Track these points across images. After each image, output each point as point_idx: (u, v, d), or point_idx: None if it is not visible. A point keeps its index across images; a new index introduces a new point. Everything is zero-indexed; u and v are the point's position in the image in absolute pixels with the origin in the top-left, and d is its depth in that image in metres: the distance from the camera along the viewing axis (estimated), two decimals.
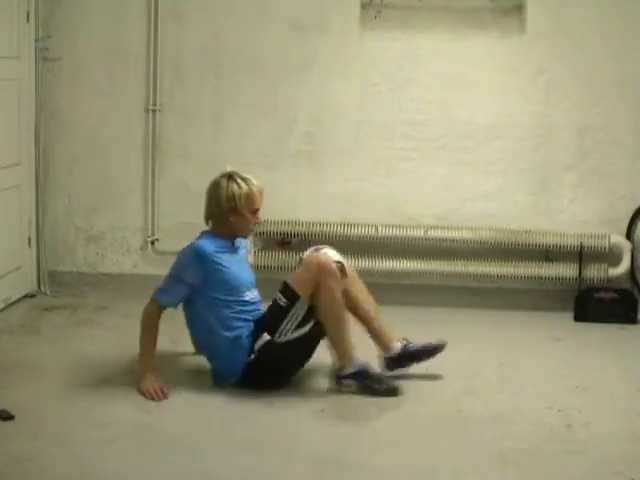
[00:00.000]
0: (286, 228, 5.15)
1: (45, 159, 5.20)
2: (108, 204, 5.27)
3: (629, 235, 5.13)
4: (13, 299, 4.98)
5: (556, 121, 5.13)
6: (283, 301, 3.75)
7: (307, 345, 3.83)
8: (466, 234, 5.12)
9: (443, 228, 5.14)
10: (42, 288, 5.23)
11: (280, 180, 5.19)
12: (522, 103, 5.13)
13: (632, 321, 4.98)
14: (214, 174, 5.25)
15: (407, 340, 4.02)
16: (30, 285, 5.18)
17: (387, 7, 5.15)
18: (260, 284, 4.08)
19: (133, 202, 5.28)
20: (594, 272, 5.10)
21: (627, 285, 5.16)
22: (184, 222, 5.18)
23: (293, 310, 3.73)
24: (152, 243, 5.27)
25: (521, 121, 5.14)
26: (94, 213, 5.29)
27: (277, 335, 3.72)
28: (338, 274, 3.76)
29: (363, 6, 5.14)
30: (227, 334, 3.75)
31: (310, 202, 5.21)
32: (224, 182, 3.87)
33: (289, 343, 3.73)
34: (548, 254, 5.15)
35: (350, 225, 5.12)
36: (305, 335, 3.75)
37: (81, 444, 3.24)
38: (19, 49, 4.94)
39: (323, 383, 3.87)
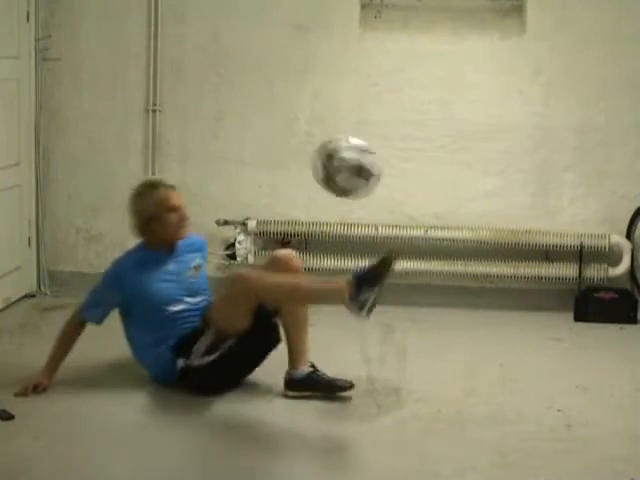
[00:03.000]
0: (286, 228, 5.15)
1: (45, 159, 5.20)
2: (108, 204, 5.27)
3: (629, 235, 5.13)
4: (13, 299, 4.98)
5: (556, 121, 5.14)
6: (199, 324, 3.66)
7: (229, 364, 3.63)
8: (466, 234, 5.12)
9: (443, 228, 5.14)
10: (42, 288, 5.23)
11: (280, 180, 5.20)
12: (522, 103, 5.13)
13: (632, 321, 4.98)
14: (214, 174, 5.29)
15: (315, 367, 3.76)
16: (30, 285, 5.18)
17: (387, 7, 5.15)
18: None
19: None
20: (594, 272, 5.10)
21: (627, 285, 5.16)
22: None
23: (205, 335, 3.60)
24: None
25: (521, 121, 5.14)
26: (94, 213, 5.29)
27: (191, 358, 3.60)
28: (256, 275, 3.60)
29: (363, 6, 5.15)
30: (151, 350, 3.71)
31: (310, 202, 5.21)
32: (135, 195, 3.84)
33: (200, 368, 3.59)
34: (548, 254, 5.16)
35: (350, 225, 5.12)
36: (217, 361, 3.58)
37: (81, 444, 3.24)
38: (19, 49, 4.94)
39: None
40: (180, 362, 3.65)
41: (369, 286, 3.43)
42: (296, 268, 3.78)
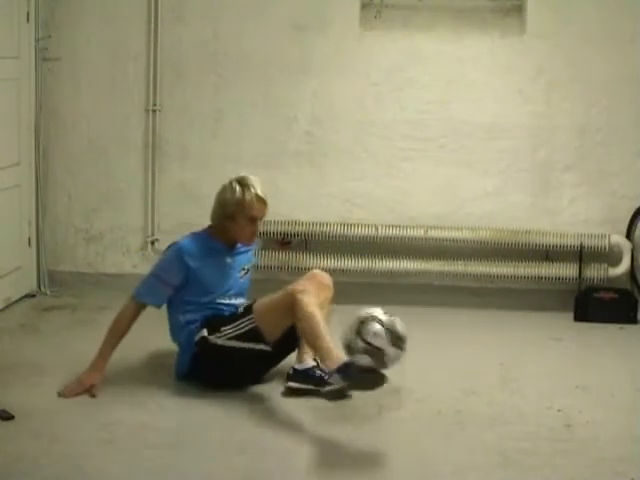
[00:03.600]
0: (286, 228, 5.15)
1: (45, 159, 5.20)
2: (108, 204, 5.27)
3: (629, 235, 5.13)
4: (13, 299, 4.98)
5: (556, 121, 5.14)
6: (241, 309, 3.76)
7: (246, 361, 3.72)
8: (466, 234, 5.12)
9: (443, 228, 5.14)
10: (42, 288, 5.23)
11: (280, 180, 5.20)
12: (522, 103, 5.13)
13: (632, 321, 4.98)
14: (214, 174, 5.27)
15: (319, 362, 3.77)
16: (30, 285, 5.18)
17: (387, 7, 5.15)
18: (260, 284, 4.09)
19: (133, 202, 5.28)
20: (594, 272, 5.10)
21: (627, 285, 5.16)
22: (184, 222, 5.17)
23: (241, 320, 3.70)
24: (152, 243, 5.28)
25: (521, 121, 5.15)
26: (94, 213, 5.29)
27: (215, 334, 3.70)
28: (310, 291, 3.69)
29: (363, 6, 5.15)
30: (185, 328, 3.79)
31: (310, 202, 5.22)
32: (227, 186, 3.86)
33: (223, 348, 3.68)
34: (548, 254, 5.16)
35: (350, 225, 5.12)
36: (243, 350, 3.68)
37: (81, 444, 3.24)
38: (19, 49, 4.94)
39: None
40: (204, 332, 3.71)
41: (347, 380, 3.46)
42: (328, 288, 3.92)
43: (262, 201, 3.84)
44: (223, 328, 3.70)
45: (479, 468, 3.15)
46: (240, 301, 3.90)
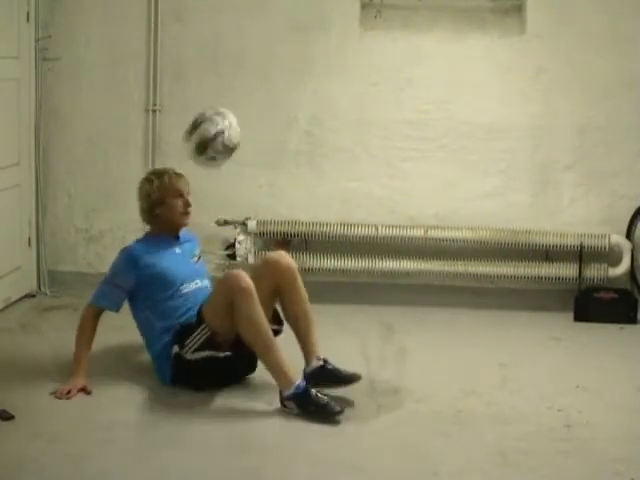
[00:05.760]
0: (286, 228, 5.14)
1: (45, 159, 5.20)
2: (108, 204, 5.27)
3: (629, 235, 5.12)
4: (13, 299, 4.98)
5: (556, 121, 5.14)
6: (195, 318, 3.71)
7: (216, 370, 3.71)
8: (466, 234, 5.12)
9: (443, 228, 5.14)
10: (42, 288, 5.23)
11: (280, 180, 5.20)
12: (522, 103, 5.13)
13: (632, 321, 4.98)
14: (214, 174, 5.27)
15: (326, 361, 3.75)
16: (30, 285, 5.18)
17: (387, 7, 5.15)
18: None
19: (133, 202, 5.23)
20: (594, 272, 5.10)
21: (627, 285, 5.16)
22: None
23: (197, 331, 3.67)
24: None
25: (521, 121, 5.14)
26: (94, 213, 5.29)
27: (184, 349, 3.68)
28: (250, 291, 3.57)
29: (363, 6, 5.14)
30: (160, 340, 3.78)
31: (310, 202, 5.21)
32: (143, 181, 4.01)
33: (191, 362, 3.67)
34: (548, 254, 5.16)
35: (350, 225, 5.12)
36: (208, 360, 3.66)
37: (81, 444, 3.24)
38: (19, 49, 4.94)
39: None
40: (175, 348, 3.71)
41: (298, 406, 3.50)
42: (285, 267, 3.80)
43: (180, 175, 3.99)
44: (187, 342, 3.68)
45: (479, 468, 3.15)
46: (205, 283, 3.93)
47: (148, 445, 3.27)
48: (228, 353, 3.68)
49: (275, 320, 3.82)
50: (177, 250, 3.97)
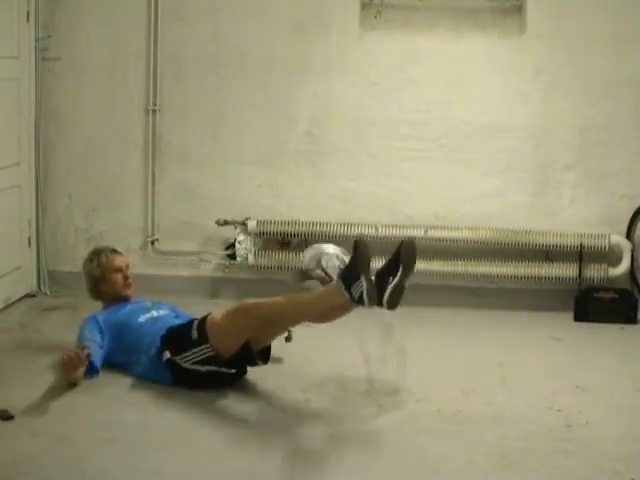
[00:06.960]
0: (286, 228, 5.15)
1: (45, 159, 5.20)
2: (108, 204, 5.27)
3: (629, 235, 5.12)
4: (13, 299, 4.98)
5: (556, 121, 5.13)
6: (195, 335, 3.72)
7: (213, 381, 3.75)
8: (466, 234, 5.12)
9: (443, 228, 5.14)
10: (42, 288, 5.23)
11: (280, 180, 5.20)
12: (522, 103, 5.13)
13: (632, 321, 4.98)
14: (214, 174, 5.30)
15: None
16: (30, 285, 5.18)
17: (387, 7, 5.15)
18: (260, 284, 4.10)
19: (133, 202, 5.28)
20: (594, 272, 5.10)
21: (627, 285, 5.16)
22: (184, 222, 5.20)
23: (199, 348, 3.69)
24: (152, 243, 5.27)
25: (521, 121, 5.14)
26: (94, 213, 5.29)
27: (179, 357, 3.71)
28: (247, 305, 3.69)
29: (363, 6, 5.14)
30: (140, 361, 3.86)
31: (310, 202, 5.21)
32: (85, 261, 4.29)
33: (188, 371, 3.71)
34: (548, 254, 5.16)
35: (350, 225, 5.12)
36: (212, 373, 3.71)
37: (81, 444, 3.24)
38: (19, 49, 4.94)
39: (323, 383, 3.88)
40: (167, 354, 3.74)
41: (354, 279, 3.60)
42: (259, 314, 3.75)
43: (116, 252, 4.30)
44: (185, 354, 3.70)
45: (479, 468, 3.15)
46: (162, 312, 4.10)
47: (148, 445, 3.26)
48: (233, 370, 3.74)
49: (262, 354, 3.81)
50: (128, 307, 4.15)
